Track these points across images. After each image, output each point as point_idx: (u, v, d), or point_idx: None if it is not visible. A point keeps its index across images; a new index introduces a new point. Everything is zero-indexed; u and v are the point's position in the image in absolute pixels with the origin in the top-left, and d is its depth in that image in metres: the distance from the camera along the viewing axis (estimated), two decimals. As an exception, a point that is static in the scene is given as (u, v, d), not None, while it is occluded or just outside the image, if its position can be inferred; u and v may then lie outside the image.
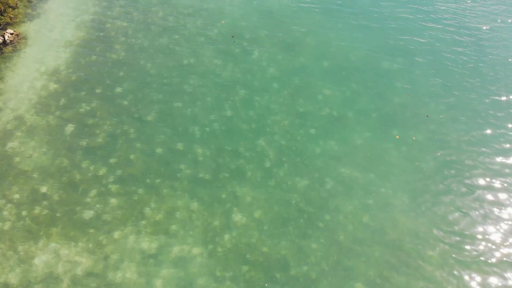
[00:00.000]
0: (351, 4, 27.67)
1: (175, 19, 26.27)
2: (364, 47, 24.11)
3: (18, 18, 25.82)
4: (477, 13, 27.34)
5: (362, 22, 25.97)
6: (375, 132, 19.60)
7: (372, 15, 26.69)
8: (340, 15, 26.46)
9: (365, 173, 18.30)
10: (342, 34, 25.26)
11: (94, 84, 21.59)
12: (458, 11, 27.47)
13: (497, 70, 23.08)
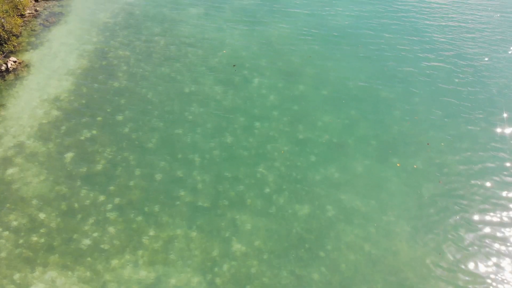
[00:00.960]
0: (348, 35, 28.38)
1: (176, 48, 26.88)
2: (362, 76, 24.58)
3: (22, 46, 26.44)
4: (477, 44, 27.98)
5: (360, 52, 26.56)
6: (375, 159, 19.72)
7: (370, 46, 27.33)
8: (338, 46, 27.13)
9: (366, 200, 18.29)
10: (341, 63, 25.80)
11: (95, 112, 21.88)
12: (457, 42, 28.12)
13: (497, 101, 23.34)
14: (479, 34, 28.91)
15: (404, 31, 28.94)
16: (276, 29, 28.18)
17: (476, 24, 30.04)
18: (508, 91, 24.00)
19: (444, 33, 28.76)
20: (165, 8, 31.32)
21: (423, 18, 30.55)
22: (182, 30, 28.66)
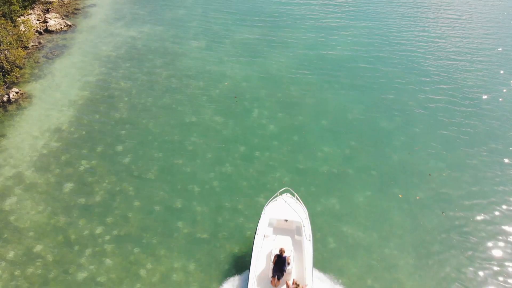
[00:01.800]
0: (346, 68, 29.06)
1: (178, 80, 27.42)
2: (361, 107, 24.96)
3: (24, 77, 27.01)
4: (476, 77, 28.49)
5: (358, 83, 27.03)
6: (377, 190, 19.71)
7: (368, 78, 27.92)
8: (336, 78, 27.73)
9: (368, 232, 18.15)
10: (339, 94, 26.29)
11: (95, 143, 22.08)
12: (455, 75, 28.65)
13: (499, 134, 23.46)
14: (478, 68, 29.48)
15: (401, 65, 29.61)
16: (276, 62, 28.81)
17: (475, 58, 30.71)
18: (509, 125, 24.13)
19: (442, 67, 29.41)
20: (167, 42, 32.16)
21: (420, 52, 31.33)
22: (183, 63, 29.31)
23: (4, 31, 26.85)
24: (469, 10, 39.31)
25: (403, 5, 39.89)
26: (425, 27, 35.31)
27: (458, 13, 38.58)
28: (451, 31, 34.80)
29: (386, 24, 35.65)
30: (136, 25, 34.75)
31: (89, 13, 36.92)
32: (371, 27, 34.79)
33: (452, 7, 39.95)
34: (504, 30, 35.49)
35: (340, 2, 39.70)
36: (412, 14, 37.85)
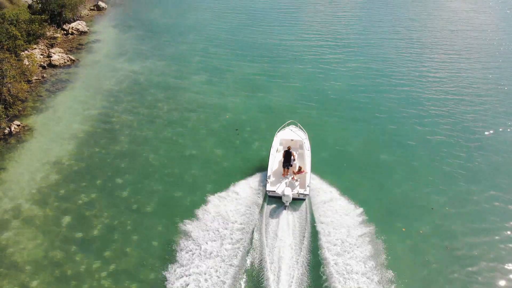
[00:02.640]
0: (346, 101, 29.56)
1: (179, 113, 27.84)
2: (361, 140, 25.23)
3: (27, 111, 27.46)
4: (478, 116, 28.74)
5: (358, 117, 27.38)
6: (379, 223, 19.54)
7: (368, 113, 28.29)
8: (335, 112, 28.06)
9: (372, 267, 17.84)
10: (339, 127, 26.68)
11: (95, 176, 22.18)
12: (456, 113, 29.01)
13: (502, 171, 23.45)
14: (478, 103, 29.75)
15: (400, 99, 30.12)
16: (276, 96, 29.34)
17: (475, 93, 31.13)
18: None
19: (441, 102, 29.81)
20: (169, 76, 32.89)
21: (418, 87, 31.95)
22: (185, 97, 29.86)
23: (8, 64, 27.51)
24: (466, 46, 40.27)
25: (400, 41, 41.00)
26: (423, 62, 36.17)
27: (455, 49, 39.52)
28: (449, 66, 35.59)
29: (383, 59, 36.54)
30: (139, 60, 35.60)
31: (93, 48, 37.92)
32: (369, 62, 35.65)
33: (449, 43, 40.99)
34: (503, 65, 36.19)
35: (339, 39, 40.84)
36: (410, 50, 38.86)
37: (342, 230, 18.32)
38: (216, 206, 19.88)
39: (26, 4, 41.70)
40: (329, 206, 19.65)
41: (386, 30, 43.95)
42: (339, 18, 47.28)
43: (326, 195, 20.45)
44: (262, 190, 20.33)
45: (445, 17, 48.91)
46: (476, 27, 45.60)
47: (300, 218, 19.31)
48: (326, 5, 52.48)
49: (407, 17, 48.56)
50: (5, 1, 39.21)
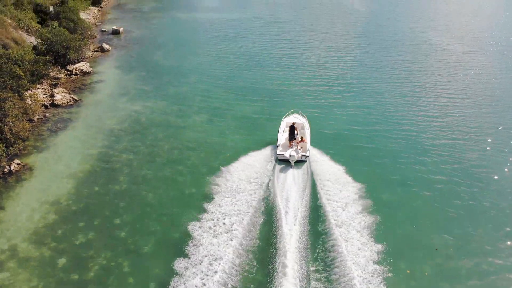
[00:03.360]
0: (344, 138, 29.84)
1: (179, 152, 28.13)
2: (361, 179, 25.11)
3: (27, 150, 27.75)
4: (482, 157, 28.92)
5: (358, 157, 27.60)
6: (383, 265, 19.25)
7: (367, 152, 28.52)
8: (335, 154, 27.97)
9: (374, 312, 17.46)
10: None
11: (93, 215, 22.15)
12: (458, 153, 29.19)
13: (508, 213, 23.28)
14: (481, 147, 29.68)
15: (399, 141, 30.32)
16: (275, 135, 29.52)
17: (476, 136, 31.15)
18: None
19: (442, 145, 29.84)
20: (170, 115, 33.47)
21: (418, 129, 32.19)
22: (185, 136, 30.26)
23: (10, 104, 28.06)
24: (465, 88, 41.08)
25: (399, 84, 41.90)
26: (422, 105, 36.63)
27: (454, 91, 40.24)
28: (449, 109, 36.02)
29: (382, 102, 37.18)
30: (141, 100, 36.32)
31: (95, 89, 38.78)
32: (368, 105, 36.25)
33: (448, 85, 41.86)
34: (503, 107, 36.67)
35: (337, 82, 41.77)
36: (409, 92, 39.59)
37: (337, 186, 24.27)
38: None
39: (31, 45, 43.04)
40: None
41: (384, 73, 45.07)
42: (337, 61, 48.61)
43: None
44: (274, 156, 26.86)
45: (443, 59, 50.21)
46: (474, 69, 46.71)
47: (303, 174, 25.52)
48: (324, 49, 54.12)
49: (405, 59, 49.88)
50: (10, 41, 40.49)
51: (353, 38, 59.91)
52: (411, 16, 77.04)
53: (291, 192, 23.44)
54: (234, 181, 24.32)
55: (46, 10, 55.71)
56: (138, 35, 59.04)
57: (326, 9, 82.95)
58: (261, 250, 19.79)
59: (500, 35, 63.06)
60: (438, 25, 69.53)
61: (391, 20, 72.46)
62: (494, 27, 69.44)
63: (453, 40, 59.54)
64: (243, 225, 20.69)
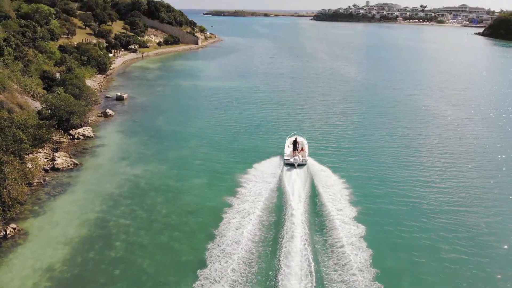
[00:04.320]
0: (344, 208, 29.69)
1: (177, 217, 28.07)
2: (363, 246, 24.70)
3: (24, 214, 27.72)
4: (490, 226, 28.74)
5: (361, 221, 27.33)
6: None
7: (368, 212, 28.30)
8: (339, 215, 27.91)
9: None
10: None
11: (87, 283, 21.73)
12: (459, 213, 28.99)
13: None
14: (489, 214, 29.16)
15: (403, 211, 30.00)
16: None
17: (483, 204, 30.52)
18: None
19: (447, 212, 29.37)
20: (170, 179, 33.76)
21: (421, 196, 32.09)
22: (184, 200, 30.36)
23: (11, 167, 28.40)
24: (465, 154, 41.63)
25: (398, 149, 42.54)
26: (422, 172, 36.76)
27: (454, 157, 40.71)
28: (449, 174, 36.16)
29: (383, 168, 37.48)
30: (141, 164, 36.78)
31: (96, 152, 39.41)
32: (368, 171, 36.48)
33: (447, 151, 42.44)
34: (504, 174, 36.86)
35: (336, 147, 42.44)
36: (408, 159, 39.99)
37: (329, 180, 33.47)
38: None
39: (36, 110, 44.35)
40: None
41: (382, 139, 45.92)
42: (335, 127, 49.85)
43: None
44: (281, 161, 35.72)
45: (440, 125, 51.42)
46: (471, 135, 47.68)
47: (304, 172, 33.97)
48: (321, 115, 55.83)
49: (403, 126, 51.10)
50: (15, 106, 41.83)
51: (350, 105, 61.85)
52: (407, 84, 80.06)
53: (295, 183, 31.65)
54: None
55: (53, 77, 58.08)
56: (141, 101, 61.01)
57: (323, 78, 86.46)
58: (275, 220, 27.27)
59: (494, 101, 65.07)
60: (433, 92, 72.13)
61: (388, 88, 75.16)
62: (488, 93, 71.88)
63: (449, 106, 61.47)
64: (261, 203, 28.95)
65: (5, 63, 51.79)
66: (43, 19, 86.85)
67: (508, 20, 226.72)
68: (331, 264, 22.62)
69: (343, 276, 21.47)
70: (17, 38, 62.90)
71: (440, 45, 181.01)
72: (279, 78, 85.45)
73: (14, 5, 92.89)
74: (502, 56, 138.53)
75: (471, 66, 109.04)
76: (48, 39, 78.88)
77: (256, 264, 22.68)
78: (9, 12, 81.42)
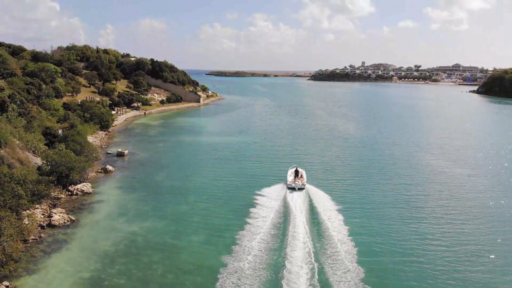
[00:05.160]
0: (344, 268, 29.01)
1: (174, 276, 27.40)
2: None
3: (18, 271, 27.14)
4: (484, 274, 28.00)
5: (362, 280, 26.58)
6: None
7: (369, 275, 27.54)
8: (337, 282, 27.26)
9: None
10: None
11: None
12: (460, 271, 28.22)
13: None
14: (491, 274, 28.58)
15: (406, 271, 29.34)
16: (276, 257, 29.06)
17: (487, 263, 30.08)
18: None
19: (451, 273, 28.65)
20: (167, 236, 33.27)
21: (422, 254, 31.40)
22: (181, 257, 29.77)
23: (7, 223, 28.07)
24: (467, 212, 41.21)
25: (397, 208, 42.13)
26: (423, 229, 36.24)
27: (456, 216, 40.26)
28: (451, 233, 35.61)
29: (383, 227, 36.96)
30: (139, 220, 36.37)
31: (94, 209, 39.09)
32: (367, 227, 35.99)
33: (449, 209, 42.03)
34: (506, 232, 36.23)
35: (335, 202, 42.11)
36: (410, 215, 39.57)
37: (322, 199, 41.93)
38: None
39: (36, 165, 44.53)
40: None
41: (384, 196, 45.65)
42: (335, 184, 49.64)
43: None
44: (284, 185, 44.68)
45: (441, 182, 51.27)
46: (474, 192, 47.38)
47: (303, 194, 42.36)
48: (321, 172, 55.86)
49: (404, 182, 50.97)
50: (16, 162, 42.03)
51: (350, 162, 62.11)
52: (407, 140, 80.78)
53: (297, 201, 40.08)
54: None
55: (55, 133, 58.89)
56: (142, 157, 61.40)
57: (322, 134, 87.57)
58: (281, 226, 34.70)
59: (494, 158, 65.32)
60: (433, 149, 72.55)
61: (388, 145, 75.77)
62: (488, 149, 72.31)
63: (450, 163, 61.65)
64: (271, 216, 36.85)
65: (8, 119, 52.75)
66: (49, 77, 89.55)
67: (501, 77, 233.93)
68: (326, 254, 29.87)
69: (333, 267, 28.07)
70: (22, 95, 64.57)
71: (437, 102, 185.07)
72: (278, 134, 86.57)
73: (21, 63, 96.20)
74: (499, 113, 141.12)
75: (469, 123, 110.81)
76: (52, 96, 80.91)
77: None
78: (15, 70, 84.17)
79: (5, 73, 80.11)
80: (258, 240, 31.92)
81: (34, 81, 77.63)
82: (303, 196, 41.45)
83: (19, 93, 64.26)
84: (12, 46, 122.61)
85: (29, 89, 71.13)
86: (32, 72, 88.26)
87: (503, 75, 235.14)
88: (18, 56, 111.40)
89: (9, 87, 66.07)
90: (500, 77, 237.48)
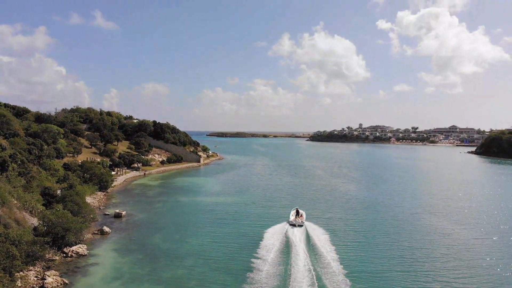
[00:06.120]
0: None
1: None
2: None
3: None
4: None
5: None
6: None
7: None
8: None
9: None
10: None
11: None
12: None
13: None
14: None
15: None
16: None
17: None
18: None
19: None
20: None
21: None
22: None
23: (0, 284, 27.21)
24: (472, 274, 40.12)
25: (402, 272, 41.06)
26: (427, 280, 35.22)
27: (463, 278, 39.21)
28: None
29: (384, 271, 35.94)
30: (134, 284, 35.48)
31: (89, 272, 38.01)
32: (370, 265, 34.94)
33: (454, 272, 40.92)
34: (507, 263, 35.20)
35: (336, 266, 41.03)
36: (415, 282, 38.50)
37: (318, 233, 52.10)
38: None
39: (32, 226, 43.86)
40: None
41: (388, 260, 44.62)
42: (336, 245, 48.58)
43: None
44: (286, 223, 55.18)
45: (446, 244, 50.25)
46: (479, 254, 46.34)
47: (302, 230, 52.51)
48: (320, 233, 54.73)
49: (408, 245, 49.98)
50: (12, 222, 41.46)
51: (352, 223, 61.04)
52: (409, 202, 79.94)
53: (296, 235, 49.58)
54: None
55: (54, 193, 58.60)
56: (140, 218, 60.62)
57: (322, 195, 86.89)
58: (284, 253, 42.14)
59: (499, 219, 64.35)
60: (437, 210, 71.51)
61: (390, 206, 74.80)
62: (492, 210, 71.38)
63: (453, 224, 60.64)
64: (277, 246, 45.44)
65: (7, 179, 52.73)
66: (51, 138, 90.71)
67: (499, 138, 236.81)
68: (321, 265, 39.39)
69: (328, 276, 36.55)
70: (23, 154, 65.12)
71: (437, 163, 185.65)
72: (278, 194, 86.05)
73: (25, 124, 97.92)
74: (499, 174, 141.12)
75: (470, 184, 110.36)
76: (53, 156, 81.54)
77: None
78: (18, 130, 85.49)
79: (8, 133, 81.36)
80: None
81: (36, 141, 78.65)
82: (302, 231, 52.47)
83: (20, 153, 64.85)
84: (17, 108, 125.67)
85: (31, 149, 71.88)
86: (35, 132, 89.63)
87: (500, 136, 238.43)
88: (22, 117, 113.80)
89: (10, 147, 66.78)
90: (497, 138, 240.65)
